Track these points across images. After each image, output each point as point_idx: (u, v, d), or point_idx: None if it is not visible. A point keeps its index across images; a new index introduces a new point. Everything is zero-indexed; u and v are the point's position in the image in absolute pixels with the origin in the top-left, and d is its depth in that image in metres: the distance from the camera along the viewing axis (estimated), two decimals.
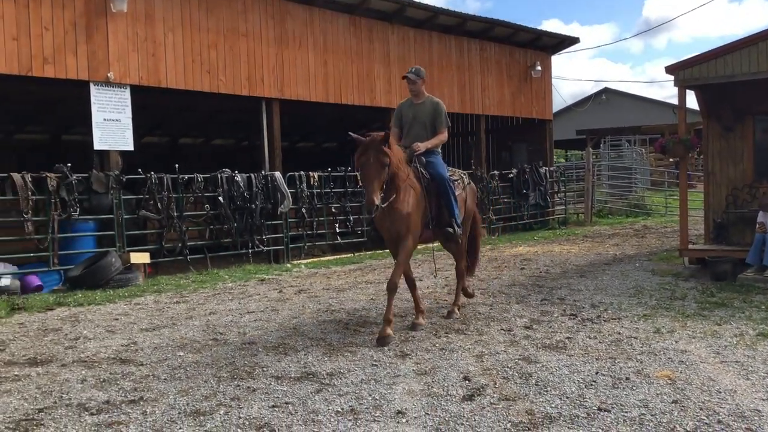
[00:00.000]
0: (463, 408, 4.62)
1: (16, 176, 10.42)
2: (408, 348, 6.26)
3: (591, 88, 45.82)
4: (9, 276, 10.15)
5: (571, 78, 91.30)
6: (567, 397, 4.77)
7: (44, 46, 10.92)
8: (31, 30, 10.78)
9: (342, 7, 15.47)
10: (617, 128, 32.20)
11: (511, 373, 5.38)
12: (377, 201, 6.20)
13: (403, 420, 4.43)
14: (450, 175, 7.43)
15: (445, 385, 5.13)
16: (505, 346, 6.21)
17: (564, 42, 21.66)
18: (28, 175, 10.53)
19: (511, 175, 19.44)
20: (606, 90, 42.96)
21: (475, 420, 4.39)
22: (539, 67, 20.60)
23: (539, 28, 24.91)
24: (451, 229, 7.17)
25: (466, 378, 5.27)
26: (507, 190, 19.29)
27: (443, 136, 7.46)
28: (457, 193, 7.40)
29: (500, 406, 4.64)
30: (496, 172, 19.16)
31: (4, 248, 10.51)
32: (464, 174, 8.05)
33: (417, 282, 10.29)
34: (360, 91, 15.92)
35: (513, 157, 22.56)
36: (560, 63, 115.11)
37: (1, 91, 14.59)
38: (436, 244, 8.13)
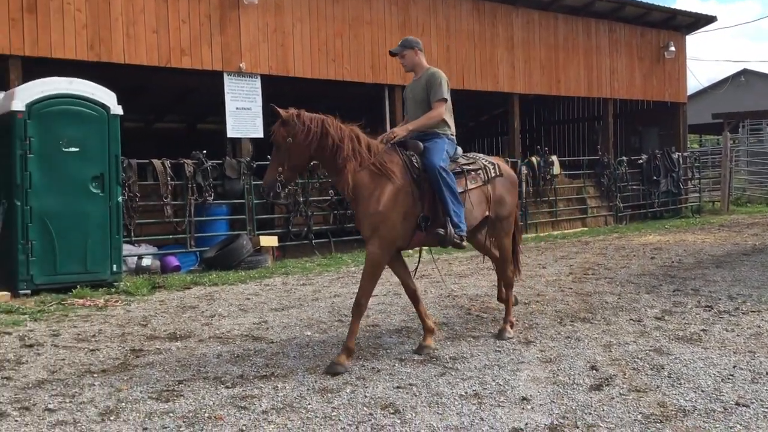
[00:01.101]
0: (591, 397, 4.51)
1: (156, 163, 11.08)
2: (532, 335, 6.18)
3: (729, 70, 43.22)
4: (150, 256, 10.83)
5: (707, 59, 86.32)
6: (702, 391, 4.56)
7: (181, 38, 11.51)
8: (169, 23, 11.39)
9: None
10: (757, 111, 30.17)
11: (641, 364, 5.20)
12: (267, 181, 5.42)
13: (528, 406, 4.38)
14: (468, 164, 6.18)
15: (571, 373, 5.03)
16: (635, 337, 6.01)
17: (699, 21, 20.55)
18: (168, 162, 11.16)
19: (641, 161, 18.71)
20: (745, 71, 40.35)
21: (603, 410, 4.28)
22: (673, 48, 19.62)
23: (673, 6, 23.70)
24: (442, 231, 5.65)
25: (593, 367, 5.14)
26: (636, 177, 18.59)
27: (435, 112, 5.99)
28: (472, 186, 6.07)
29: (630, 397, 4.50)
30: (624, 158, 18.53)
31: (146, 230, 11.21)
32: (490, 162, 6.40)
33: (541, 269, 10.17)
34: (482, 76, 15.77)
35: (643, 143, 21.66)
36: (696, 43, 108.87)
37: (142, 82, 15.52)
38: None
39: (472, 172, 6.16)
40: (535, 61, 16.76)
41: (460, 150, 6.25)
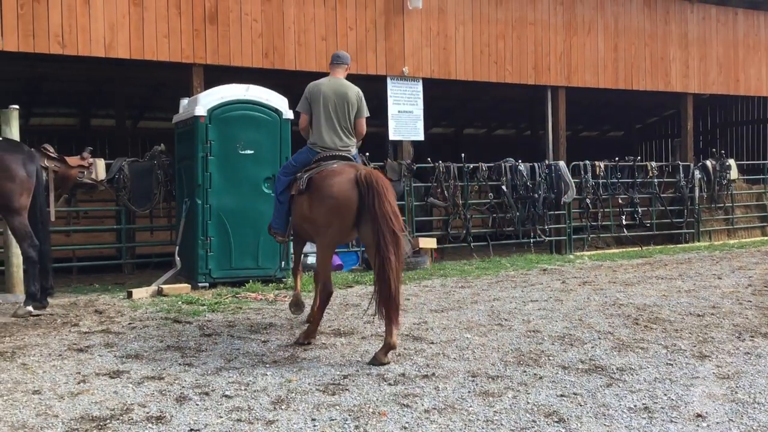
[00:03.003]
0: None
1: None
2: (707, 349, 5.81)
3: None
4: (314, 255, 11.23)
5: None
6: None
7: (348, 44, 11.87)
8: (337, 30, 11.80)
9: None
10: None
11: None
12: None
13: (704, 424, 4.13)
14: (303, 172, 6.28)
15: (752, 391, 4.69)
16: None
17: None
18: None
19: None
20: None
21: None
22: None
23: None
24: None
25: None
26: None
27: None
28: (295, 193, 6.32)
29: None
30: None
31: None
32: (315, 173, 6.13)
33: (716, 280, 9.56)
34: (653, 76, 15.04)
35: None
36: None
37: None
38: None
39: (299, 180, 6.29)
40: (711, 59, 15.77)
41: (324, 154, 6.36)
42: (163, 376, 5.23)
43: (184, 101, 10.13)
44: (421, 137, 12.70)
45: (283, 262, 9.59)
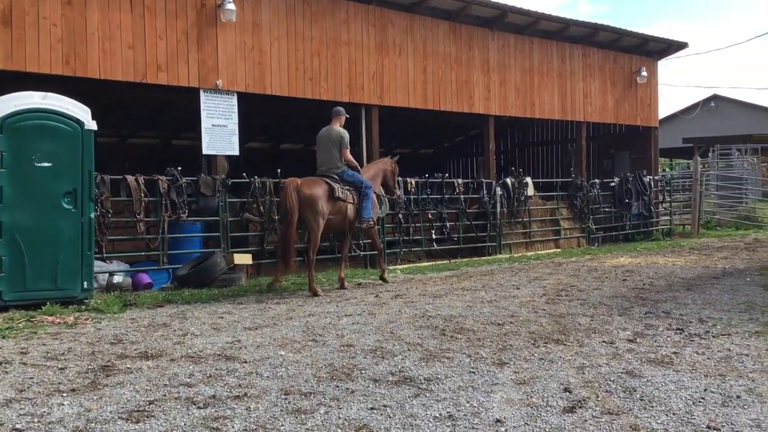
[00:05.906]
0: (564, 420, 4.53)
1: (130, 178, 10.98)
2: (506, 357, 6.20)
3: (701, 95, 44.15)
4: (122, 273, 10.70)
5: (679, 84, 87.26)
6: (674, 414, 4.60)
7: (158, 54, 11.47)
8: (146, 39, 11.35)
9: (442, 14, 15.55)
10: (727, 137, 30.80)
11: (614, 386, 5.24)
12: None
13: (502, 429, 4.39)
14: None
15: (545, 395, 5.05)
16: (608, 359, 6.05)
17: (671, 47, 20.98)
18: (141, 178, 11.07)
19: (613, 184, 18.96)
20: (715, 97, 41.18)
21: None
22: (645, 73, 20.02)
23: (649, 30, 24.08)
24: None
25: (566, 389, 5.17)
26: (608, 200, 18.83)
27: None
28: None
29: (603, 419, 4.52)
30: (596, 180, 18.76)
31: (118, 247, 11.08)
32: None
33: (515, 290, 10.23)
34: (458, 98, 15.92)
35: (615, 166, 22.01)
36: (672, 67, 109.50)
37: (117, 97, 15.42)
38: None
39: None
40: (510, 84, 16.98)
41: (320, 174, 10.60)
42: None
43: None
44: (236, 152, 12.51)
45: (85, 283, 9.00)
